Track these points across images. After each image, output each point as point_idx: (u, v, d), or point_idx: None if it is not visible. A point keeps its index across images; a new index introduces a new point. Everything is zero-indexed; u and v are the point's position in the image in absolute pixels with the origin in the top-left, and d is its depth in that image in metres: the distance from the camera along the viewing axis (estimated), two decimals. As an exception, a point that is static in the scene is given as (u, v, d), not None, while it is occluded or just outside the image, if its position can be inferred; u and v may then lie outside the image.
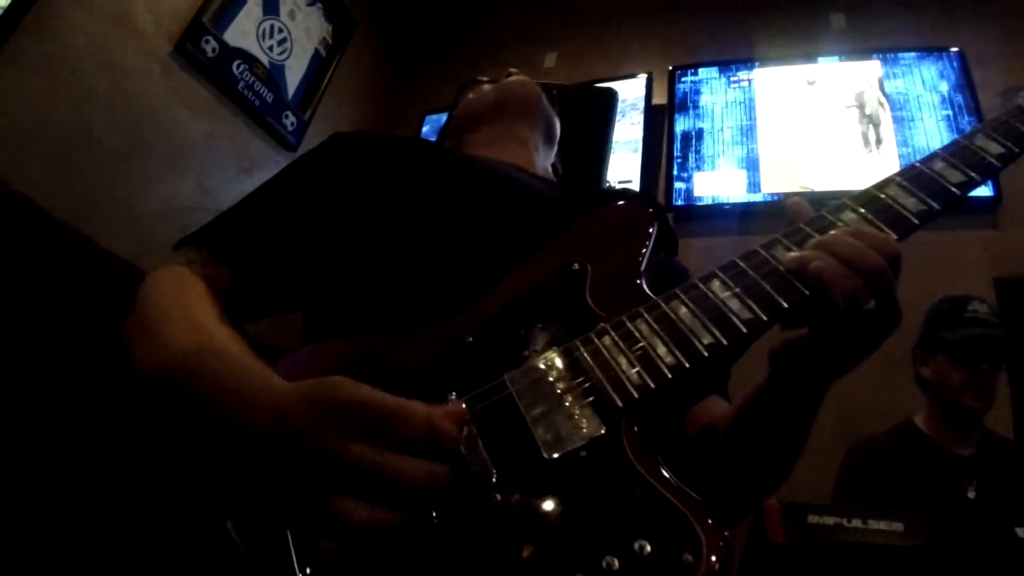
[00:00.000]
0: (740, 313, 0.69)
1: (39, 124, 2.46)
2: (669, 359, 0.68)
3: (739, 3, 3.76)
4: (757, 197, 3.20)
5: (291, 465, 0.60)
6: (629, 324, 0.73)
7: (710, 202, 3.25)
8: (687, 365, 0.67)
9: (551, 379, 0.71)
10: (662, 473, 0.63)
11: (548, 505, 0.63)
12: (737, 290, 0.71)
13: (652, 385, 0.67)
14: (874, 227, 0.73)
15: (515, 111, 1.32)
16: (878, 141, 3.12)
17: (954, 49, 3.22)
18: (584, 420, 0.67)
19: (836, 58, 3.40)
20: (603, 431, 0.66)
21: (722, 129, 3.40)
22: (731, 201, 3.21)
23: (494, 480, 0.64)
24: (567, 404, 0.68)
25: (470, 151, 1.27)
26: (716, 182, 3.27)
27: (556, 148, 1.41)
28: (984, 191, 2.90)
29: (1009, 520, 1.34)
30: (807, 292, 0.68)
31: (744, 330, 0.68)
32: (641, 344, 0.70)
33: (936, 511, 1.82)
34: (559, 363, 0.72)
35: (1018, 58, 3.19)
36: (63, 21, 2.55)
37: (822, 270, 0.67)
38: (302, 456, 0.59)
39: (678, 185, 3.31)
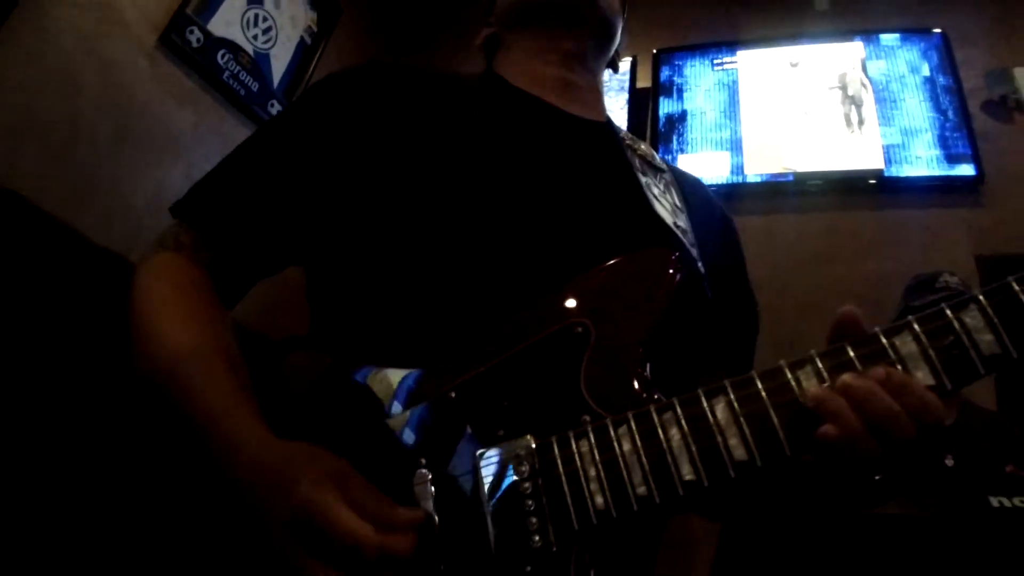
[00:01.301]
0: (734, 450, 0.62)
1: (28, 118, 2.45)
2: (641, 489, 0.63)
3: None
4: (740, 178, 3.22)
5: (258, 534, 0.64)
6: (612, 431, 0.67)
7: (694, 184, 3.24)
8: (657, 500, 0.63)
9: (519, 475, 0.67)
10: None
11: None
12: (742, 418, 0.63)
13: (614, 515, 0.63)
14: (931, 369, 0.60)
15: (561, 21, 1.09)
16: (860, 122, 3.15)
17: (937, 30, 3.24)
18: (538, 531, 0.64)
19: (819, 40, 3.42)
20: (554, 549, 0.64)
21: (705, 111, 3.41)
22: (715, 183, 3.22)
23: (440, 571, 0.64)
24: (527, 507, 0.66)
25: (508, 67, 1.12)
26: (700, 164, 3.28)
27: (617, 41, 1.18)
28: (967, 170, 2.94)
29: (983, 489, 1.37)
30: (815, 445, 0.60)
31: (732, 474, 0.62)
32: (617, 462, 0.65)
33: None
34: (530, 459, 0.68)
35: (1001, 38, 3.22)
36: (49, 16, 2.55)
37: (832, 435, 0.59)
38: (265, 538, 0.63)
39: (662, 168, 3.29)
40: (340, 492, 0.61)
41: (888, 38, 3.31)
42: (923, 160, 3.02)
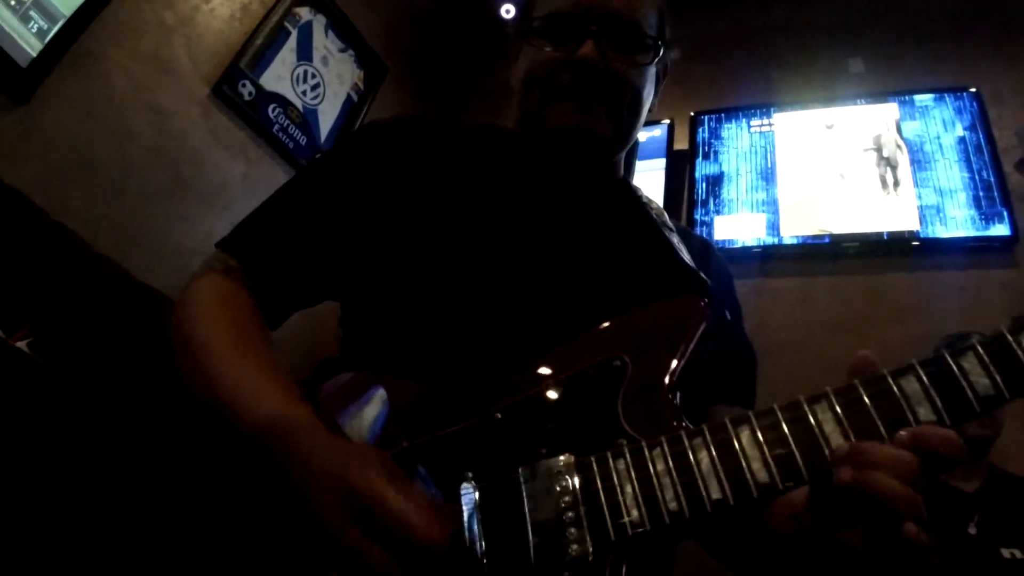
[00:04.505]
0: (758, 474, 0.68)
1: (81, 159, 2.54)
2: (673, 505, 0.69)
3: (759, 50, 3.83)
4: (776, 240, 3.25)
5: (306, 524, 0.69)
6: (647, 453, 0.72)
7: (730, 245, 3.28)
8: (687, 515, 0.68)
9: (559, 488, 0.72)
10: None
11: None
12: (764, 446, 0.69)
13: (648, 527, 0.68)
14: (932, 407, 0.66)
15: (589, 97, 1.05)
16: (896, 183, 3.16)
17: (971, 90, 3.26)
18: (576, 541, 0.68)
19: (855, 102, 3.45)
20: (590, 558, 0.68)
21: (742, 173, 3.45)
22: (751, 245, 3.26)
23: (485, 573, 0.68)
24: (567, 518, 0.70)
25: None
26: (736, 225, 3.31)
27: (646, 110, 1.13)
28: (1001, 230, 2.93)
29: (995, 540, 1.37)
30: (840, 486, 0.65)
31: (755, 495, 0.68)
32: (651, 480, 0.71)
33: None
34: (571, 475, 0.72)
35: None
36: (105, 61, 2.64)
37: (876, 487, 0.63)
38: (316, 522, 0.68)
39: (698, 229, 3.34)
40: (388, 477, 0.67)
41: (922, 98, 3.33)
42: (957, 221, 3.01)
